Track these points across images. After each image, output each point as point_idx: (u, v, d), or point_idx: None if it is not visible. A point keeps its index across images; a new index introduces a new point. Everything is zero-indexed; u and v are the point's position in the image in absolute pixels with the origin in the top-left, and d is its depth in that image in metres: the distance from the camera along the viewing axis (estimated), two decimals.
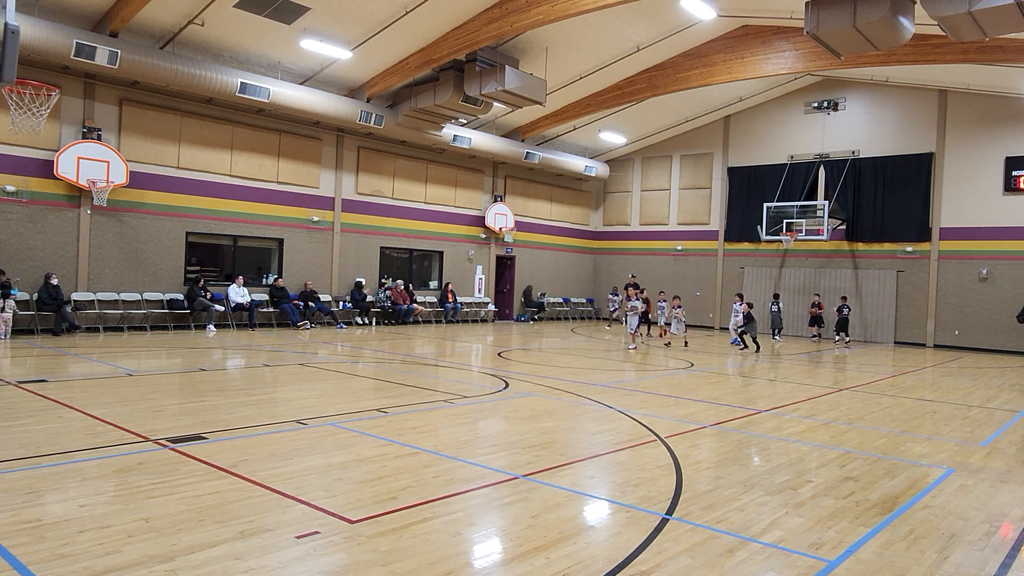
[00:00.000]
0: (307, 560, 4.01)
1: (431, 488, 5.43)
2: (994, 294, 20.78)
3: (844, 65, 18.06)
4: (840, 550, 4.50)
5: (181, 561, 3.92)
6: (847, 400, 10.72)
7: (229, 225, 18.53)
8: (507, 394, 10.13)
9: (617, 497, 5.47)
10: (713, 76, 19.65)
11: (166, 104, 17.19)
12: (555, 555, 4.23)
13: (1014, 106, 20.42)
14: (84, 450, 6.14)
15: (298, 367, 11.95)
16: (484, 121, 23.04)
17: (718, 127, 26.37)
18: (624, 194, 29.20)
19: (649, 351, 17.26)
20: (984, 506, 5.60)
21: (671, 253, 27.55)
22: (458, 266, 24.64)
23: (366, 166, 21.62)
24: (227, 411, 8.18)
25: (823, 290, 23.73)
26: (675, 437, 7.58)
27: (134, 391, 9.11)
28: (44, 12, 14.25)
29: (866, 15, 11.79)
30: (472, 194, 24.96)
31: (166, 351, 13.59)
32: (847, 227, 23.22)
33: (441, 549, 4.26)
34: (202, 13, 15.05)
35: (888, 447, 7.59)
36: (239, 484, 5.33)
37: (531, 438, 7.31)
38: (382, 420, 7.93)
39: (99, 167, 15.65)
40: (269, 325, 19.02)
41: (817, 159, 23.87)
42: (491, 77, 17.62)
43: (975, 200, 21.18)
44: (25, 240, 15.20)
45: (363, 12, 15.90)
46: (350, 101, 19.07)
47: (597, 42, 18.93)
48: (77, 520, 4.47)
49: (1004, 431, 8.79)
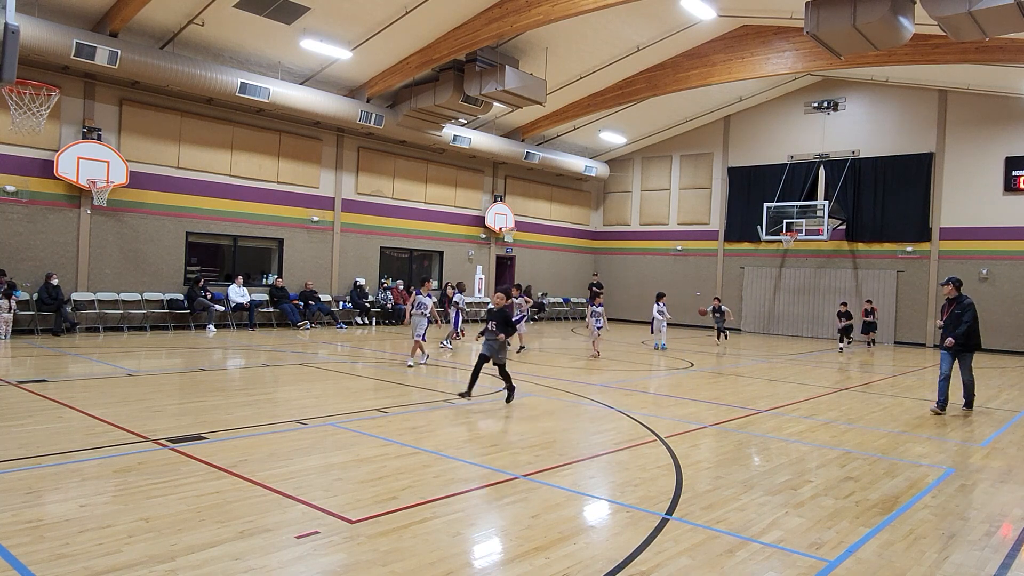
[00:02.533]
0: (307, 560, 4.01)
1: (431, 488, 5.43)
2: (994, 294, 20.77)
3: (844, 65, 18.05)
4: (840, 550, 4.50)
5: (181, 561, 3.92)
6: (847, 400, 10.72)
7: (229, 225, 18.53)
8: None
9: (617, 497, 5.47)
10: (713, 76, 19.64)
11: (166, 104, 17.19)
12: (555, 555, 4.23)
13: (1014, 106, 20.42)
14: (84, 450, 6.13)
15: (298, 367, 11.95)
16: (484, 121, 23.03)
17: (718, 127, 26.37)
18: (624, 194, 29.20)
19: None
20: (984, 506, 5.60)
21: (671, 253, 27.54)
22: (458, 266, 24.63)
23: (366, 166, 21.61)
24: (227, 411, 8.18)
25: (823, 290, 23.72)
26: (675, 437, 7.58)
27: (134, 391, 9.11)
28: (44, 12, 14.24)
29: (866, 15, 11.79)
30: (472, 194, 24.95)
31: (166, 351, 13.59)
32: (847, 227, 23.22)
33: (441, 549, 4.26)
34: (202, 13, 15.05)
35: (888, 447, 7.59)
36: (239, 484, 5.33)
37: (531, 438, 7.31)
38: (382, 420, 7.93)
39: (99, 167, 15.65)
40: (269, 325, 19.01)
41: (817, 159, 23.87)
42: (491, 77, 17.61)
43: (975, 200, 21.18)
44: (25, 240, 15.20)
45: (363, 12, 15.89)
46: (350, 101, 19.07)
47: (597, 42, 18.93)
48: (77, 520, 4.47)
49: (1004, 431, 8.79)
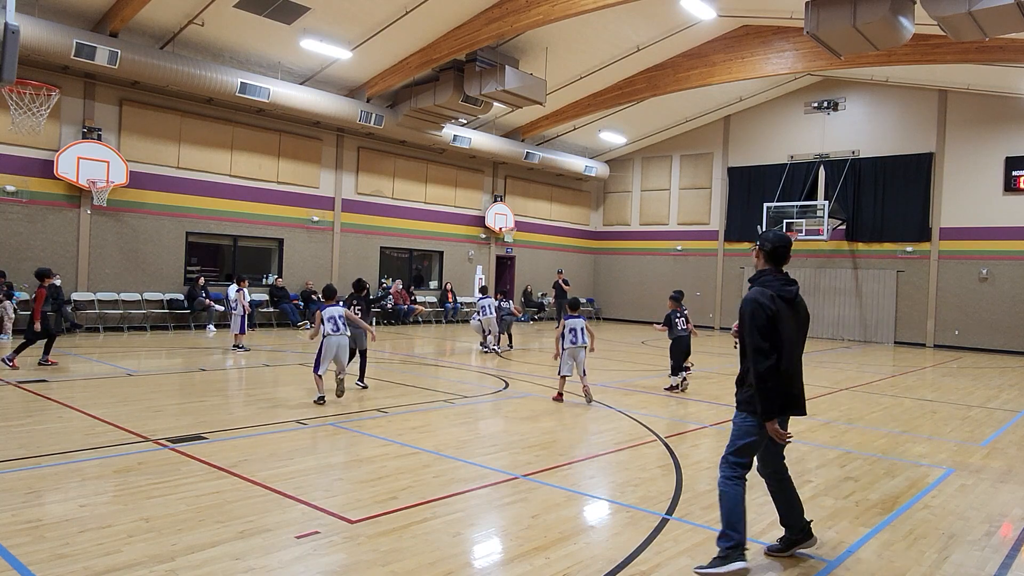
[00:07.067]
0: (307, 560, 4.01)
1: (431, 488, 5.43)
2: (994, 294, 20.77)
3: (844, 65, 18.05)
4: (840, 550, 4.50)
5: (181, 561, 3.92)
6: (847, 400, 10.72)
7: (229, 225, 18.53)
8: (507, 394, 10.13)
9: (617, 497, 5.47)
10: (713, 76, 19.64)
11: (166, 104, 17.19)
12: (555, 555, 4.23)
13: (1014, 106, 20.42)
14: (84, 450, 6.13)
15: (298, 367, 11.95)
16: (484, 121, 23.03)
17: (718, 127, 26.37)
18: (624, 194, 29.20)
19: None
20: (984, 506, 5.60)
21: (671, 253, 27.54)
22: (458, 266, 24.64)
23: (366, 166, 21.61)
24: (227, 411, 8.18)
25: (823, 290, 23.70)
26: (675, 437, 7.58)
27: (134, 391, 9.11)
28: (44, 12, 14.24)
29: (866, 15, 11.79)
30: (472, 194, 24.95)
31: (166, 351, 13.59)
32: (847, 227, 23.22)
33: (441, 549, 4.26)
34: (202, 13, 15.04)
35: (888, 447, 7.58)
36: (239, 484, 5.33)
37: (531, 438, 7.31)
38: (382, 420, 7.93)
39: (99, 167, 15.65)
40: (269, 325, 19.01)
41: (817, 159, 23.87)
42: (491, 77, 17.61)
43: (975, 200, 21.18)
44: (25, 240, 15.19)
45: (363, 12, 15.89)
46: (350, 101, 19.07)
47: (597, 42, 18.93)
48: (77, 520, 4.47)
49: (1004, 431, 8.78)
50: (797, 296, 4.11)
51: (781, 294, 4.04)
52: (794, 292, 4.09)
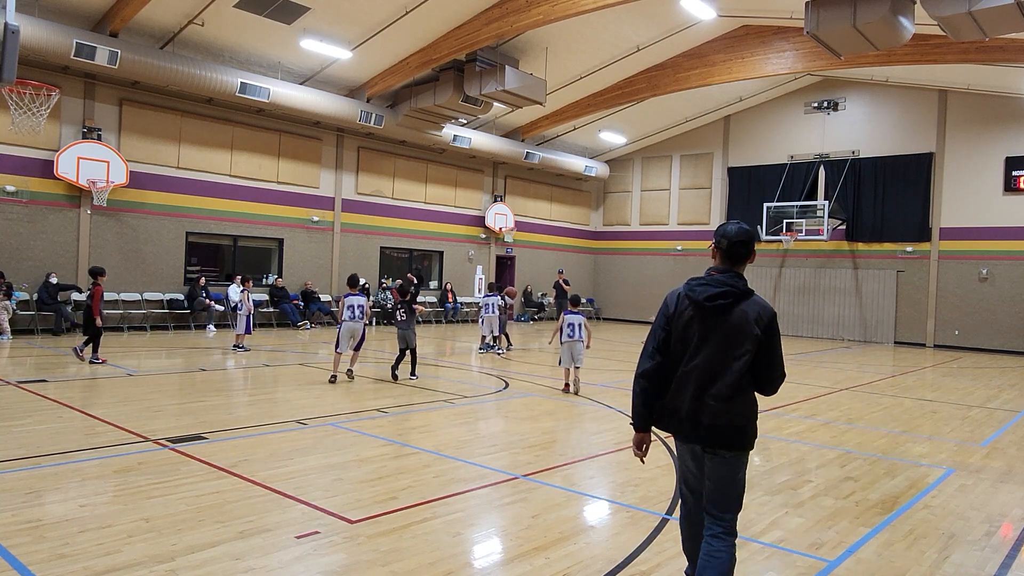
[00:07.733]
0: (307, 560, 4.01)
1: (431, 488, 5.43)
2: (994, 294, 20.77)
3: (844, 65, 18.05)
4: (840, 550, 4.50)
5: (181, 561, 3.92)
6: (847, 400, 10.72)
7: (229, 225, 18.52)
8: (507, 394, 10.13)
9: (617, 497, 5.47)
10: (713, 76, 19.64)
11: (166, 104, 17.19)
12: (555, 555, 4.23)
13: (1014, 106, 20.42)
14: (84, 450, 6.13)
15: (298, 367, 11.95)
16: (484, 121, 23.03)
17: (718, 127, 26.36)
18: (624, 194, 29.20)
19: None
20: (984, 506, 5.60)
21: (671, 253, 27.54)
22: (458, 266, 24.63)
23: (366, 166, 21.61)
24: (227, 411, 8.18)
25: (823, 290, 23.68)
26: None
27: (134, 391, 9.11)
28: (44, 12, 14.24)
29: (866, 15, 11.79)
30: (472, 194, 24.95)
31: (166, 351, 13.59)
32: (847, 227, 23.22)
33: (441, 549, 4.26)
34: (202, 13, 15.04)
35: (888, 447, 7.58)
36: (239, 484, 5.33)
37: (531, 438, 7.31)
38: (382, 420, 7.93)
39: (99, 167, 15.65)
40: (269, 325, 19.01)
41: (817, 159, 23.87)
42: (491, 77, 17.61)
43: (975, 200, 21.18)
44: (25, 240, 15.19)
45: (363, 12, 15.89)
46: (350, 101, 19.07)
47: (597, 42, 18.92)
48: (77, 520, 4.47)
49: (1004, 431, 8.78)
50: (717, 300, 3.34)
51: (690, 294, 3.42)
52: (707, 294, 3.36)
